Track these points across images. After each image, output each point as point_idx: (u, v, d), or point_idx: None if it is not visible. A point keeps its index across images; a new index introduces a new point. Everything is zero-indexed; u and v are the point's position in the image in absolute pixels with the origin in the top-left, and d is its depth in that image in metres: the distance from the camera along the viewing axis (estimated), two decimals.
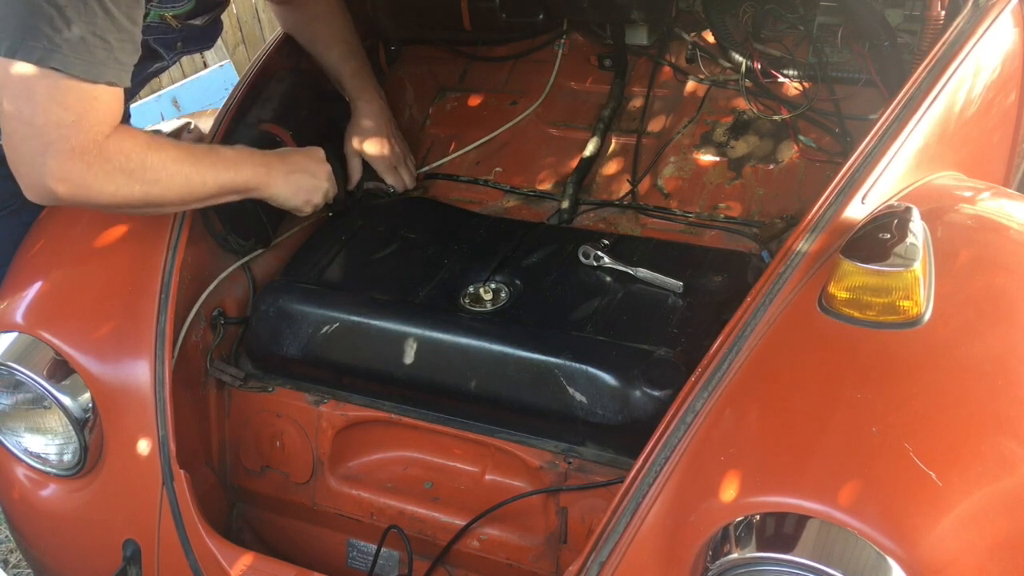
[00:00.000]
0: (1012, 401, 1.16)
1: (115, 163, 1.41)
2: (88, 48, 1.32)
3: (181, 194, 1.51)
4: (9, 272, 1.70)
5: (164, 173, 1.47)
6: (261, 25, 5.01)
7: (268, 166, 1.65)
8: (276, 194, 1.68)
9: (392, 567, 1.58)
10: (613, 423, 1.43)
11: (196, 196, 1.54)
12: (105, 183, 1.41)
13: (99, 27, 1.32)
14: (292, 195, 1.70)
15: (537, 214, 1.96)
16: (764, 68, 1.92)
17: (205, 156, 1.55)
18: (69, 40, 1.30)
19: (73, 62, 1.31)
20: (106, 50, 1.34)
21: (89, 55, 1.32)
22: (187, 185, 1.51)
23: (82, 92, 1.34)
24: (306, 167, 1.73)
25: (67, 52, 1.30)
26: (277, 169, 1.67)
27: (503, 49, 2.23)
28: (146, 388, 1.54)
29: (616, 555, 1.23)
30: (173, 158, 1.49)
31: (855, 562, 1.06)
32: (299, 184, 1.71)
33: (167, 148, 1.49)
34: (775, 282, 1.33)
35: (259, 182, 1.63)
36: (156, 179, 1.46)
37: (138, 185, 1.45)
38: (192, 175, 1.51)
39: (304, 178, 1.72)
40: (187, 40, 1.76)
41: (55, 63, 1.31)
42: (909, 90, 1.50)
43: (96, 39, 1.32)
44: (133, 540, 1.55)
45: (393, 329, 1.58)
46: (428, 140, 2.17)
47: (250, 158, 1.63)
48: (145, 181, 1.45)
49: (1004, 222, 1.49)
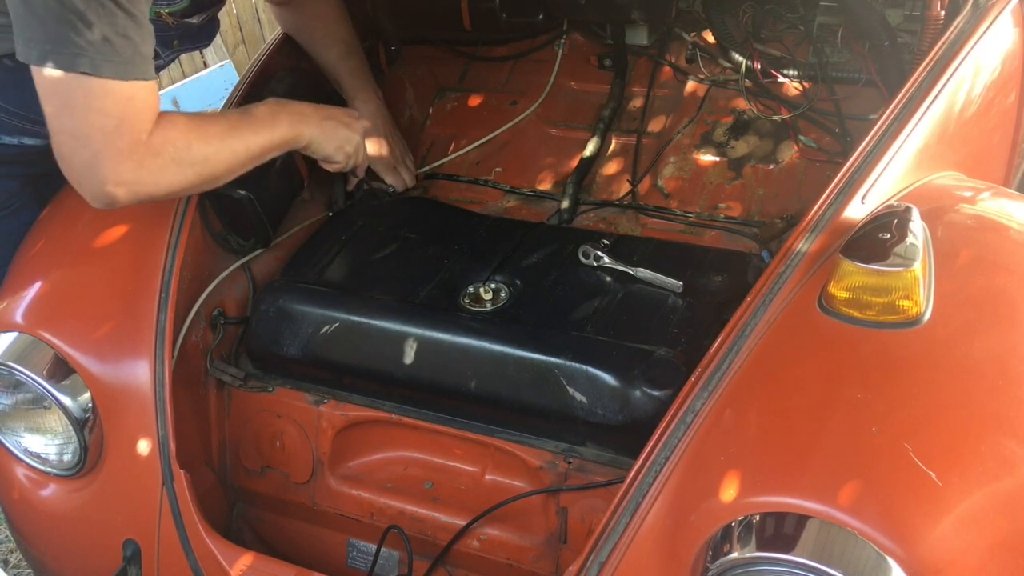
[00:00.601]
0: (1012, 401, 1.16)
1: (165, 155, 1.43)
2: (114, 48, 1.32)
3: (230, 166, 1.54)
4: (9, 272, 1.70)
5: (211, 151, 1.50)
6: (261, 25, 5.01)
7: (303, 114, 1.68)
8: (312, 140, 1.70)
9: (392, 567, 1.58)
10: (613, 423, 1.43)
11: (243, 162, 1.57)
12: (159, 176, 1.44)
13: (120, 26, 1.32)
14: (327, 141, 1.72)
15: (537, 214, 1.96)
16: (764, 68, 1.92)
17: (241, 122, 1.57)
18: (94, 43, 1.30)
19: (101, 64, 1.31)
20: (131, 47, 1.34)
21: (116, 55, 1.32)
22: (233, 156, 1.54)
23: (117, 93, 1.34)
24: (340, 117, 1.76)
25: (94, 55, 1.30)
26: (312, 117, 1.70)
27: (503, 49, 2.23)
28: (146, 388, 1.54)
29: (616, 555, 1.23)
30: (215, 134, 1.51)
31: (855, 562, 1.06)
32: (335, 132, 1.73)
33: (207, 125, 1.52)
34: (775, 282, 1.33)
35: (296, 133, 1.66)
36: (204, 159, 1.49)
37: (190, 169, 1.47)
38: (236, 145, 1.54)
39: (339, 127, 1.74)
40: (183, 38, 1.76)
41: (84, 67, 1.30)
42: (909, 90, 1.50)
43: (120, 38, 1.32)
44: (133, 540, 1.55)
45: (393, 329, 1.59)
46: (428, 140, 2.17)
47: (284, 110, 1.66)
48: (195, 163, 1.48)
49: (1004, 222, 1.49)
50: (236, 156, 1.54)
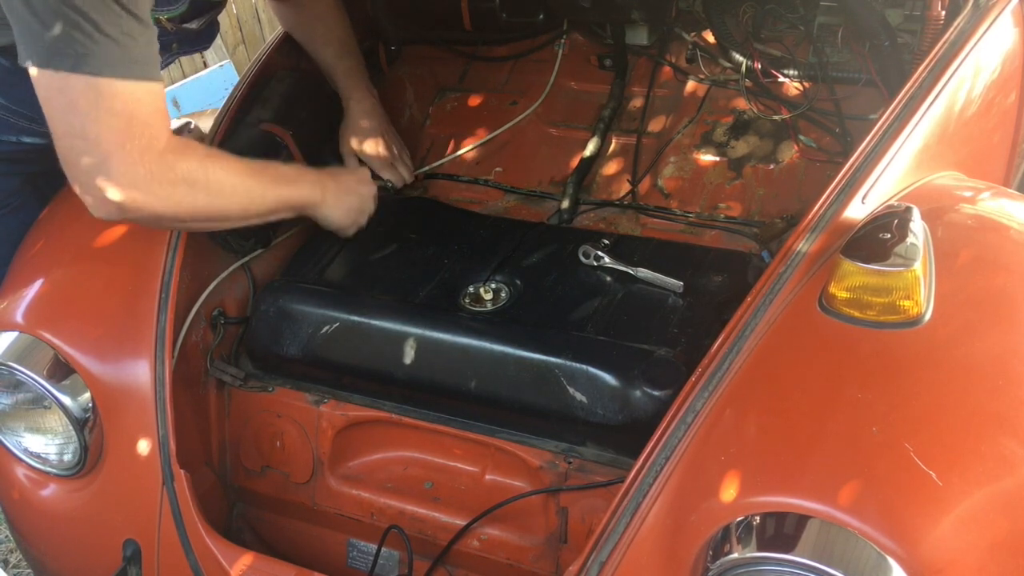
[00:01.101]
0: (1012, 401, 1.16)
1: (177, 173, 1.40)
2: (120, 47, 1.30)
3: (243, 206, 1.52)
4: (9, 272, 1.70)
5: (227, 184, 1.48)
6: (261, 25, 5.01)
7: (323, 185, 1.68)
8: (328, 214, 1.71)
9: (392, 567, 1.58)
10: (613, 423, 1.43)
11: (256, 210, 1.55)
12: (170, 192, 1.40)
13: (125, 26, 1.30)
14: (342, 216, 1.73)
15: (537, 214, 1.96)
16: (764, 68, 1.92)
17: (264, 170, 1.57)
18: (99, 43, 1.28)
19: (107, 65, 1.29)
20: (137, 47, 1.33)
21: (121, 54, 1.30)
22: (248, 197, 1.52)
23: (124, 93, 1.32)
24: (356, 189, 1.76)
25: (99, 56, 1.28)
26: (331, 189, 1.69)
27: (503, 49, 2.23)
28: (146, 388, 1.54)
29: (616, 555, 1.23)
30: (235, 171, 1.50)
31: (855, 562, 1.06)
32: (350, 205, 1.74)
33: (228, 161, 1.50)
34: (775, 282, 1.33)
35: (315, 200, 1.66)
36: (220, 190, 1.47)
37: (202, 195, 1.44)
38: (253, 188, 1.52)
39: (354, 200, 1.75)
40: (182, 42, 1.76)
41: (90, 68, 1.28)
42: (909, 90, 1.50)
43: (125, 37, 1.31)
44: (133, 540, 1.55)
45: (393, 329, 1.58)
46: (428, 140, 2.17)
47: (306, 176, 1.66)
48: (209, 192, 1.45)
49: (1004, 222, 1.49)
50: (251, 199, 1.52)
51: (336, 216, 1.73)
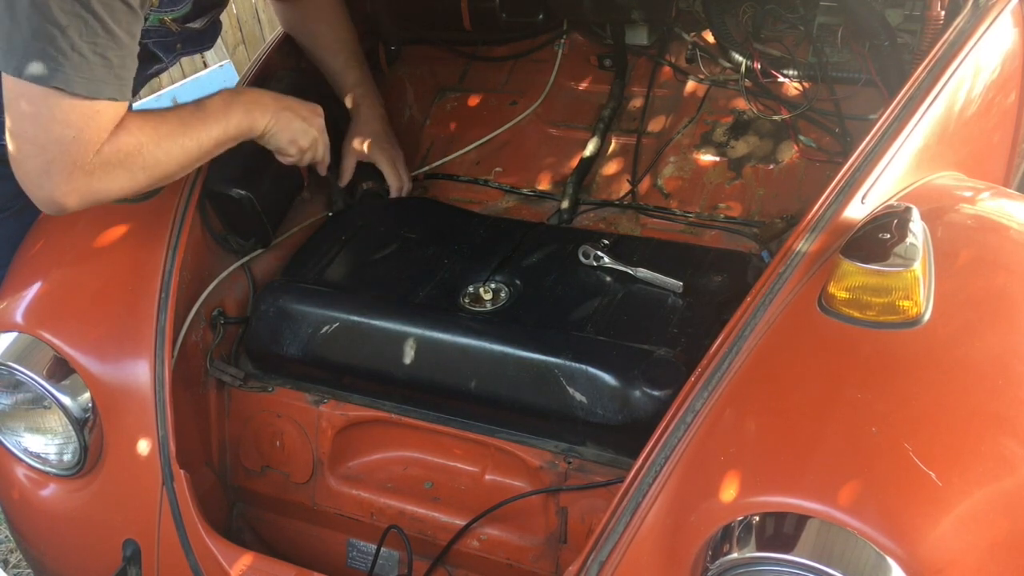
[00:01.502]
0: (1012, 401, 1.16)
1: (115, 163, 1.43)
2: (90, 66, 1.34)
3: (181, 163, 1.53)
4: (9, 272, 1.70)
5: (161, 152, 1.49)
6: (261, 25, 5.01)
7: (258, 103, 1.64)
8: (267, 130, 1.66)
9: (392, 567, 1.58)
10: (613, 423, 1.43)
11: (195, 158, 1.55)
12: (110, 184, 1.44)
13: (100, 45, 1.35)
14: (281, 131, 1.67)
15: (537, 214, 1.96)
16: (764, 68, 1.92)
17: (194, 116, 1.55)
18: (71, 59, 1.32)
19: (75, 80, 1.34)
20: (107, 67, 1.37)
21: (91, 72, 1.35)
22: (185, 154, 1.52)
23: (84, 109, 1.37)
24: (298, 110, 1.70)
25: (69, 71, 1.33)
26: (268, 106, 1.65)
27: (503, 49, 2.23)
28: (146, 388, 1.54)
29: (616, 555, 1.23)
30: (164, 134, 1.50)
31: (855, 562, 1.06)
32: (289, 123, 1.68)
33: (157, 125, 1.50)
34: (775, 282, 1.33)
35: (250, 122, 1.62)
36: (156, 161, 1.48)
37: (141, 173, 1.47)
38: (187, 143, 1.52)
39: (294, 119, 1.69)
40: (186, 42, 1.76)
41: (58, 82, 1.33)
42: (909, 90, 1.50)
43: (97, 57, 1.35)
44: (133, 540, 1.55)
45: (393, 329, 1.58)
46: (428, 140, 2.17)
47: (238, 100, 1.62)
48: (146, 166, 1.47)
49: (1004, 222, 1.49)
50: (188, 154, 1.52)
51: (279, 136, 1.67)
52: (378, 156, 1.96)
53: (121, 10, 1.36)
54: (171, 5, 1.61)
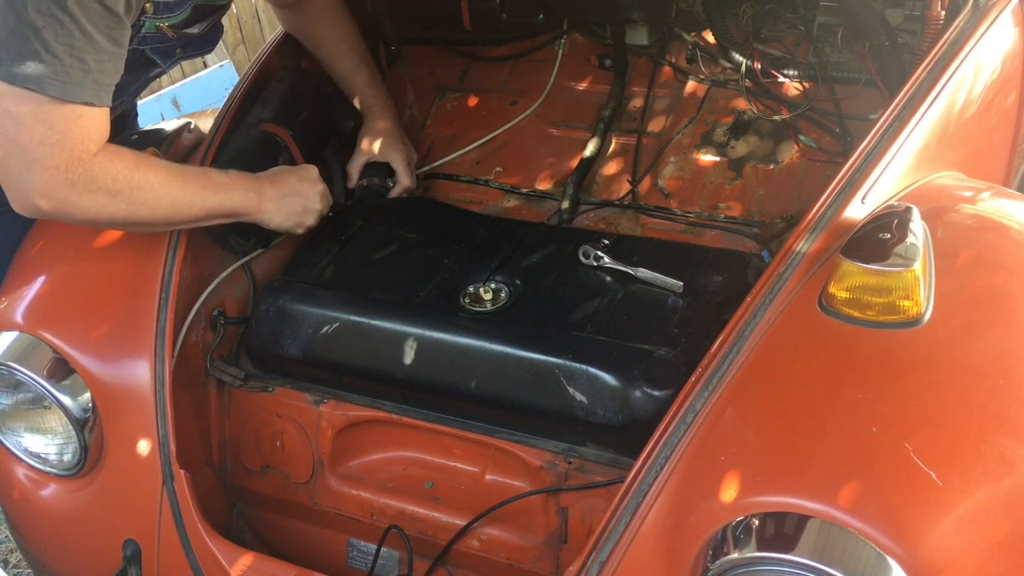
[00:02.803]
0: (1012, 401, 1.16)
1: (100, 182, 1.43)
2: (65, 69, 1.35)
3: (167, 215, 1.52)
4: (9, 272, 1.71)
5: (151, 194, 1.49)
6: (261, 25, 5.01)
7: (259, 191, 1.65)
8: (268, 220, 1.68)
9: (392, 567, 1.58)
10: (613, 423, 1.43)
11: (182, 218, 1.55)
12: (88, 201, 1.44)
13: (76, 48, 1.35)
14: (284, 220, 1.70)
15: (537, 214, 1.96)
16: (764, 68, 1.92)
17: (194, 179, 1.55)
18: (45, 62, 1.33)
19: (49, 82, 1.34)
20: (83, 71, 1.37)
21: (66, 75, 1.35)
22: (173, 207, 1.52)
23: (63, 111, 1.37)
24: (299, 190, 1.71)
25: (42, 73, 1.33)
26: (268, 194, 1.66)
27: (503, 49, 2.23)
28: (146, 388, 1.54)
29: (616, 555, 1.23)
30: (161, 180, 1.50)
31: (855, 562, 1.06)
32: (291, 208, 1.70)
33: (156, 170, 1.50)
34: (775, 282, 1.33)
35: (249, 207, 1.63)
36: (142, 200, 1.48)
37: (123, 205, 1.47)
38: (179, 197, 1.52)
39: (295, 201, 1.70)
40: (186, 47, 1.76)
41: (31, 83, 1.33)
42: (909, 90, 1.50)
43: (73, 60, 1.35)
44: (133, 540, 1.55)
45: (393, 329, 1.58)
46: (428, 140, 2.17)
47: (241, 182, 1.62)
48: (131, 201, 1.47)
49: (1004, 222, 1.49)
50: (176, 208, 1.52)
51: (276, 221, 1.69)
52: (393, 156, 1.96)
53: (99, 14, 1.36)
54: (167, 12, 1.60)
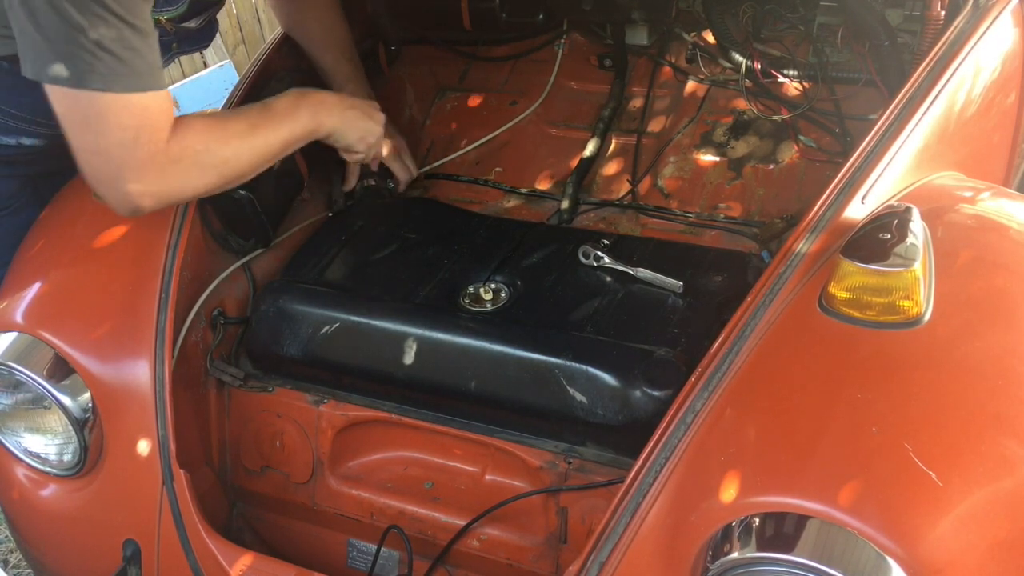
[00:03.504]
0: (1012, 401, 1.16)
1: (185, 160, 1.43)
2: (122, 62, 1.32)
3: (252, 163, 1.54)
4: (9, 272, 1.70)
5: (230, 152, 1.50)
6: (261, 25, 5.01)
7: (324, 104, 1.68)
8: (334, 130, 1.70)
9: (392, 567, 1.58)
10: (613, 423, 1.43)
11: (265, 158, 1.57)
12: (184, 181, 1.45)
13: (126, 39, 1.32)
14: (349, 130, 1.72)
15: (537, 214, 1.96)
16: (764, 68, 1.92)
17: (262, 117, 1.57)
18: (102, 58, 1.30)
19: (112, 79, 1.31)
20: (139, 59, 1.34)
21: (125, 68, 1.32)
22: (254, 153, 1.54)
23: (132, 106, 1.34)
24: (362, 107, 1.76)
25: (103, 71, 1.30)
26: (334, 107, 1.69)
27: (503, 49, 2.23)
28: (146, 388, 1.54)
29: (616, 555, 1.23)
30: (234, 134, 1.51)
31: (855, 562, 1.06)
32: (356, 122, 1.73)
33: (225, 125, 1.51)
34: (775, 282, 1.33)
35: (318, 123, 1.65)
36: (225, 160, 1.49)
37: (212, 171, 1.48)
38: (255, 142, 1.54)
39: (360, 117, 1.74)
40: (182, 41, 1.76)
41: (96, 84, 1.30)
42: (909, 90, 1.50)
43: (128, 51, 1.32)
44: (133, 540, 1.55)
45: (393, 329, 1.58)
46: (428, 140, 2.17)
47: (305, 101, 1.65)
48: (216, 165, 1.48)
49: (1004, 222, 1.49)
50: (257, 153, 1.54)
51: (347, 135, 1.72)
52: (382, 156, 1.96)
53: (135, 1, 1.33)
54: (167, 5, 1.60)
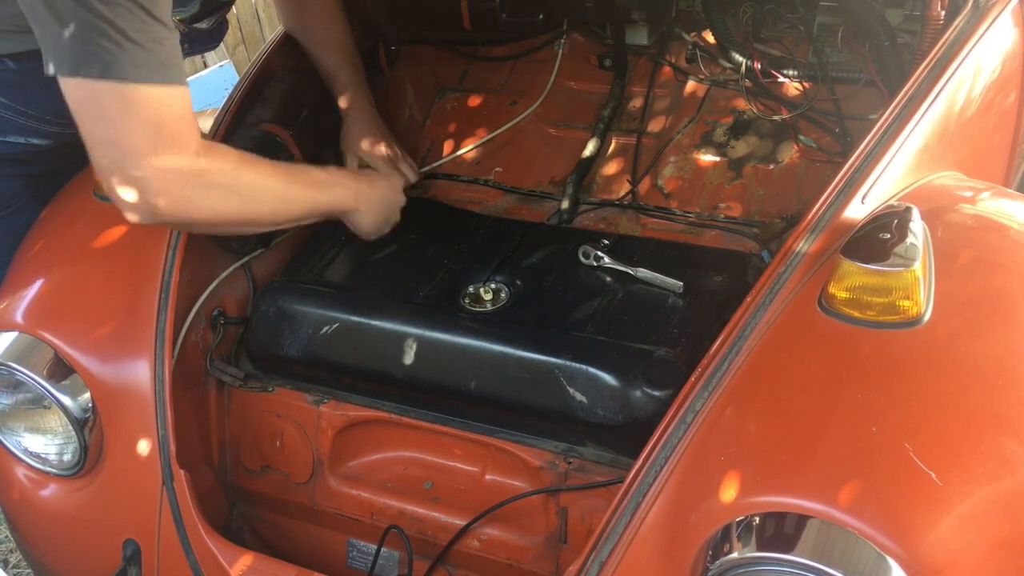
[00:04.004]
0: (1012, 401, 1.16)
1: (210, 177, 1.41)
2: (148, 52, 1.30)
3: (275, 210, 1.54)
4: (9, 272, 1.70)
5: (260, 188, 1.49)
6: (261, 25, 5.01)
7: (356, 191, 1.69)
8: (359, 222, 1.73)
9: (392, 567, 1.58)
10: (613, 423, 1.43)
11: (289, 214, 1.57)
12: (203, 196, 1.41)
13: (152, 32, 1.31)
14: (371, 223, 1.75)
15: (537, 214, 1.96)
16: (764, 68, 1.92)
17: (298, 175, 1.58)
18: (127, 49, 1.28)
19: (135, 70, 1.30)
20: (164, 52, 1.33)
21: (149, 59, 1.31)
22: (281, 202, 1.53)
23: (152, 99, 1.32)
24: (388, 197, 1.78)
25: (127, 62, 1.29)
26: (364, 194, 1.71)
27: (503, 49, 2.23)
28: (146, 388, 1.54)
29: (616, 555, 1.23)
30: (267, 174, 1.51)
31: (855, 562, 1.06)
32: (379, 213, 1.76)
33: (260, 164, 1.51)
34: (775, 282, 1.33)
35: (347, 206, 1.68)
36: (252, 195, 1.48)
37: (235, 199, 1.46)
38: (286, 192, 1.53)
39: (384, 208, 1.77)
40: (193, 42, 1.76)
41: (119, 74, 1.28)
42: (909, 90, 1.50)
43: (153, 43, 1.31)
44: (133, 540, 1.55)
45: (393, 329, 1.58)
46: (428, 140, 2.17)
47: (340, 180, 1.68)
48: (242, 196, 1.47)
49: (1004, 222, 1.49)
50: (284, 203, 1.53)
51: (365, 223, 1.74)
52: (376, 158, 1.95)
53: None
54: (180, 5, 1.61)
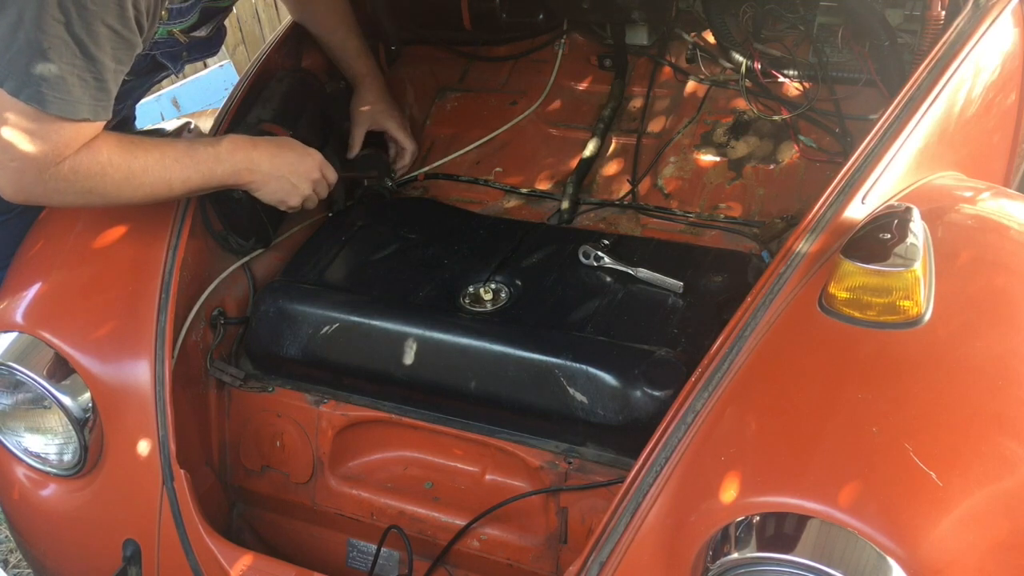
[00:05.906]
0: (1012, 401, 1.16)
1: (72, 183, 1.45)
2: (67, 87, 1.36)
3: (144, 199, 1.54)
4: (9, 272, 1.71)
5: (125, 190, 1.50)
6: (261, 25, 5.01)
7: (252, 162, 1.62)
8: (258, 191, 1.67)
9: (392, 567, 1.58)
10: (613, 423, 1.43)
11: (162, 198, 1.56)
12: (59, 199, 1.50)
13: (79, 67, 1.36)
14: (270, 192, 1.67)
15: (537, 214, 1.96)
16: (764, 68, 1.93)
17: (185, 153, 1.54)
18: (47, 78, 1.34)
19: (50, 100, 1.36)
20: (84, 89, 1.38)
21: (67, 93, 1.36)
22: (150, 193, 1.52)
23: (56, 127, 1.38)
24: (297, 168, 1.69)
25: (45, 89, 1.35)
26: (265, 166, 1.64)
27: (503, 49, 2.23)
28: (146, 388, 1.54)
29: (616, 555, 1.23)
30: (137, 169, 1.49)
31: (855, 562, 1.06)
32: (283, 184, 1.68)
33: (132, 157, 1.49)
34: (775, 282, 1.33)
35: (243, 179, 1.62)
36: (117, 192, 1.49)
37: (94, 198, 1.50)
38: (156, 185, 1.52)
39: (289, 178, 1.68)
40: (192, 50, 1.77)
41: (35, 101, 1.35)
42: (909, 90, 1.50)
43: (75, 79, 1.37)
44: (133, 540, 1.55)
45: (393, 329, 1.58)
46: (428, 140, 2.17)
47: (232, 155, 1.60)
48: (105, 195, 1.49)
49: (1004, 222, 1.49)
50: (154, 193, 1.53)
51: (264, 193, 1.67)
52: (388, 123, 2.00)
53: (106, 37, 1.37)
54: (179, 17, 1.62)
